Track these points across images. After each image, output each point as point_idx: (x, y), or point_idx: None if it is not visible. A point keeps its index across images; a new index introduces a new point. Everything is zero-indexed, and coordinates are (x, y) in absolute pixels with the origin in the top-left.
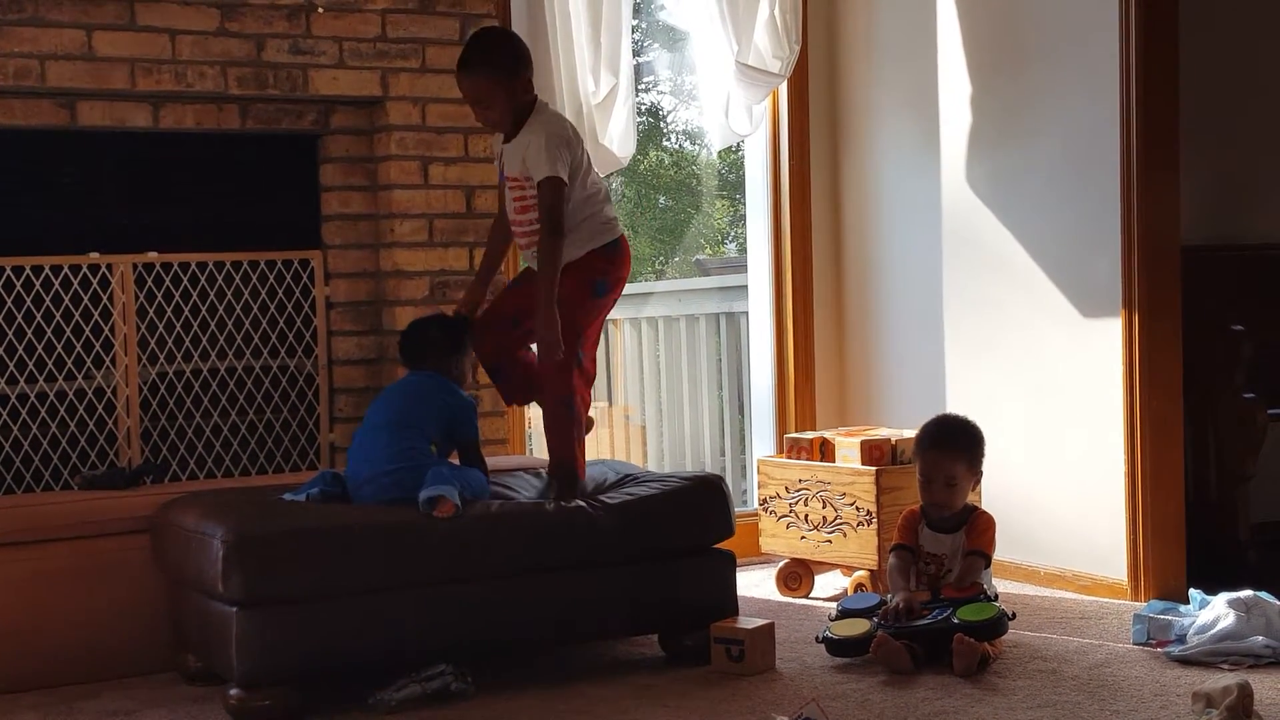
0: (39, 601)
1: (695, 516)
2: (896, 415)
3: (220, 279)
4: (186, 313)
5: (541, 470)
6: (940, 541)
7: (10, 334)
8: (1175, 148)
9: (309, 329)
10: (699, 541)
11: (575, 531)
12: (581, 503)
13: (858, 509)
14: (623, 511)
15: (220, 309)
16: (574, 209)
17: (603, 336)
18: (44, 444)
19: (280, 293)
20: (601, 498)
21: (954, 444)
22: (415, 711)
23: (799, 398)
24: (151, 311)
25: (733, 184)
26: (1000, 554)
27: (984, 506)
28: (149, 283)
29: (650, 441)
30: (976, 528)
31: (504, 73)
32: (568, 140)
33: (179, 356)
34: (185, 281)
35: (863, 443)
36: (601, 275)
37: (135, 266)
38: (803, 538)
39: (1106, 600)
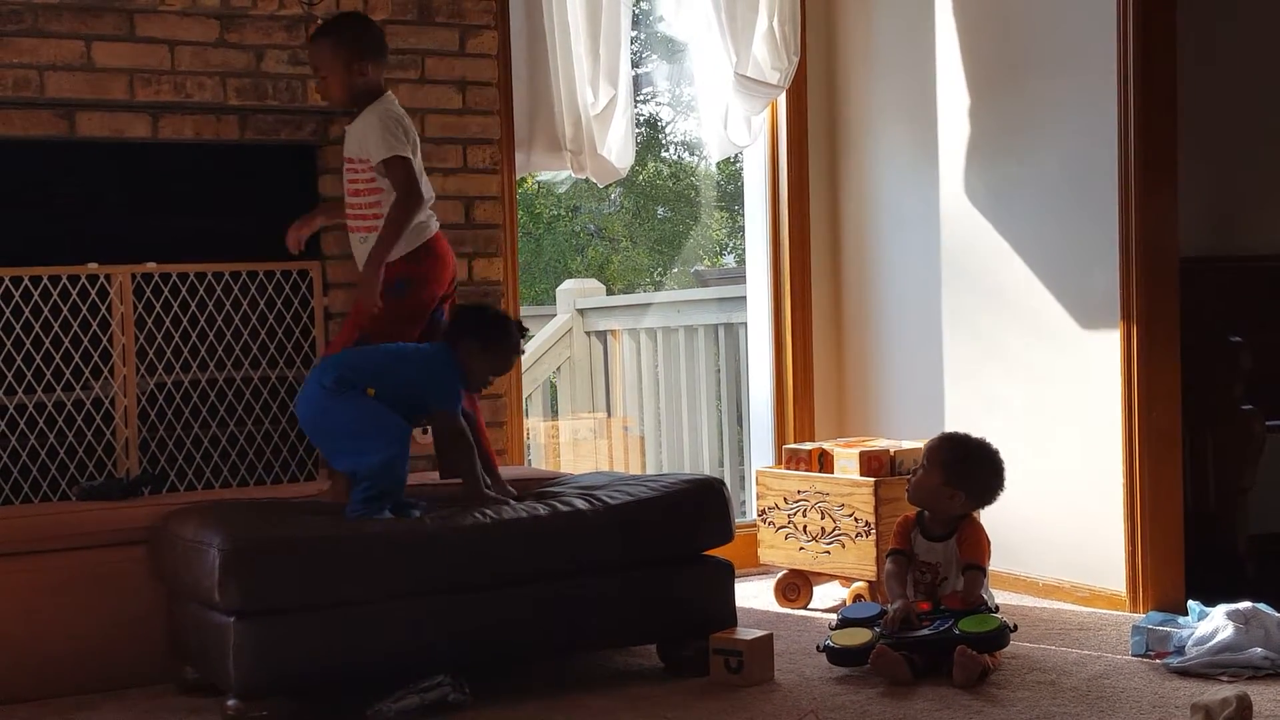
0: (36, 612)
1: (694, 518)
2: (895, 426)
3: (219, 289)
4: (185, 323)
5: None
6: (934, 550)
7: (9, 344)
8: (1173, 160)
9: (308, 339)
10: (698, 545)
11: (572, 540)
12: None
13: (856, 520)
14: (620, 515)
15: (219, 319)
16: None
17: (601, 347)
18: (42, 454)
19: (279, 303)
20: (600, 495)
21: (935, 448)
22: None
23: (798, 408)
24: (150, 322)
25: (731, 195)
26: (999, 565)
27: (984, 517)
28: (148, 293)
29: (649, 452)
30: (968, 539)
31: (345, 47)
32: (406, 126)
33: (177, 367)
34: (184, 292)
35: (861, 454)
36: (399, 277)
37: (134, 277)
38: (801, 549)
39: (1105, 612)
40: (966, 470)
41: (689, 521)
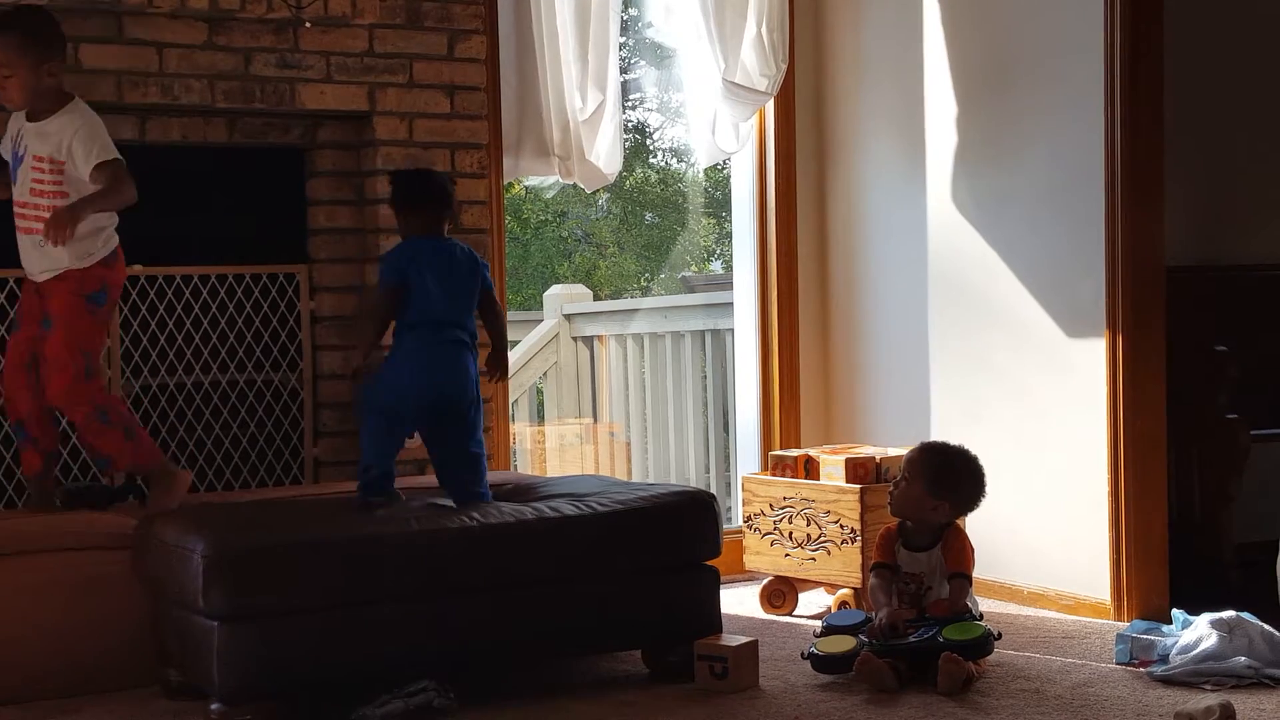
0: (19, 615)
1: (683, 533)
2: (881, 433)
3: (205, 292)
4: (171, 326)
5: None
6: (917, 560)
7: None
8: (1159, 169)
9: (294, 343)
10: (685, 559)
11: (559, 545)
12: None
13: (842, 527)
14: (608, 526)
15: (205, 322)
16: (95, 219)
17: (588, 352)
18: None
19: (265, 306)
20: (591, 502)
21: (916, 459)
22: None
23: (784, 415)
24: (136, 324)
25: (719, 201)
26: (983, 573)
27: (969, 523)
28: (134, 296)
29: (635, 458)
30: (953, 548)
31: (36, 45)
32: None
33: (164, 369)
34: (170, 295)
35: (847, 460)
36: (98, 287)
37: None
38: (787, 555)
39: (1089, 620)
40: (949, 480)
41: (678, 534)
